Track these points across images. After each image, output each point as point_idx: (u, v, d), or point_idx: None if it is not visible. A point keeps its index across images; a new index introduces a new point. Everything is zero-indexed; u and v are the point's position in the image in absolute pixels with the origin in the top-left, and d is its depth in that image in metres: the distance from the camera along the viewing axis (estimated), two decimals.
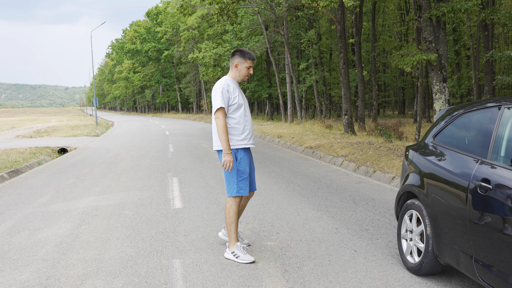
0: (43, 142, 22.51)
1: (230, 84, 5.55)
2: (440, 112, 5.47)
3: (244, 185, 5.52)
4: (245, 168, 5.54)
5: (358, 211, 7.60)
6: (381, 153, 13.09)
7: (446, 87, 13.94)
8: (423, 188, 4.78)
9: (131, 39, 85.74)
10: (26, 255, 5.83)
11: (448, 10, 13.79)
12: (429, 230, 4.60)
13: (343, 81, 21.29)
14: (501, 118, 4.04)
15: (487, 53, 21.04)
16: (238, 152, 5.51)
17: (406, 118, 42.48)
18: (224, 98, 5.41)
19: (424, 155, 5.06)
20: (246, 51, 5.62)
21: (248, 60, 5.58)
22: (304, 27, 39.00)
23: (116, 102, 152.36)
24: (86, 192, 9.90)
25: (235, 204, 5.52)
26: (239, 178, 5.49)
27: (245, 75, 5.62)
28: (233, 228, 5.51)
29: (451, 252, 4.24)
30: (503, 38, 45.75)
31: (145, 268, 5.20)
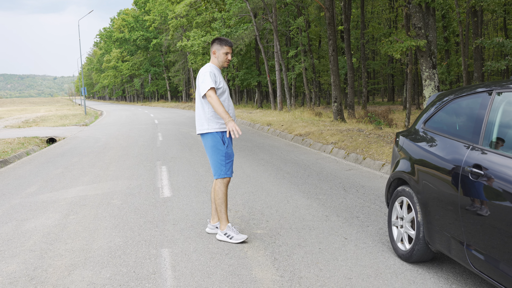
0: (32, 132, 22.32)
1: (214, 70, 5.67)
2: (431, 98, 5.41)
3: (231, 167, 5.71)
4: (231, 151, 5.73)
5: (348, 198, 7.57)
6: (371, 140, 13.07)
7: (436, 74, 13.91)
8: (413, 175, 4.73)
9: (119, 28, 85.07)
10: (13, 246, 5.75)
11: None
12: (420, 217, 4.55)
13: (332, 68, 21.22)
14: (492, 103, 3.97)
15: (477, 39, 21.01)
16: (225, 135, 5.65)
17: (395, 105, 42.52)
18: (212, 79, 5.54)
19: (414, 141, 5.01)
20: (224, 38, 5.77)
21: (225, 46, 5.71)
22: (293, 15, 38.85)
23: (105, 92, 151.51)
24: (74, 182, 9.80)
25: (224, 185, 5.66)
26: (227, 160, 5.65)
27: (223, 61, 5.75)
28: (223, 209, 5.64)
29: (442, 239, 4.20)
30: (492, 24, 45.85)
31: (134, 258, 5.13)
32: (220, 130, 5.62)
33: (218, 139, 5.62)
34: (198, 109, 5.72)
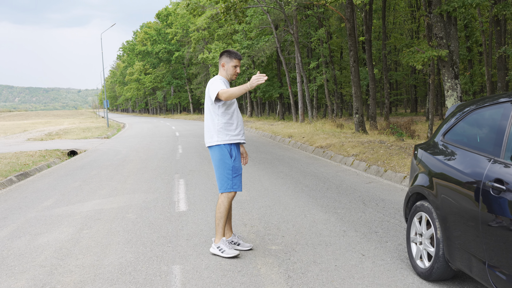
0: (54, 145, 22.45)
1: (224, 80, 5.66)
2: (450, 109, 5.21)
3: (238, 181, 5.60)
4: (239, 165, 5.65)
5: (367, 213, 7.37)
6: (392, 152, 12.84)
7: (458, 84, 13.65)
8: (432, 189, 4.53)
9: (141, 41, 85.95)
10: (24, 261, 5.66)
11: (459, 5, 13.49)
12: (440, 234, 4.35)
13: (353, 80, 21.03)
14: None
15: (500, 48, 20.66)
16: (233, 149, 5.61)
17: (418, 116, 42.05)
18: (221, 84, 5.50)
19: (433, 154, 4.81)
20: (233, 51, 5.70)
21: (234, 59, 5.66)
22: (314, 26, 38.75)
23: (128, 104, 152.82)
24: (91, 195, 9.74)
25: (227, 200, 5.57)
26: (234, 174, 5.57)
27: (232, 73, 5.69)
28: (222, 223, 5.57)
29: (463, 257, 3.99)
30: None
31: (144, 275, 5.00)
32: (229, 142, 5.57)
33: (226, 152, 5.56)
34: (207, 120, 5.67)
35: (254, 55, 40.82)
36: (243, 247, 5.70)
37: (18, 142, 25.89)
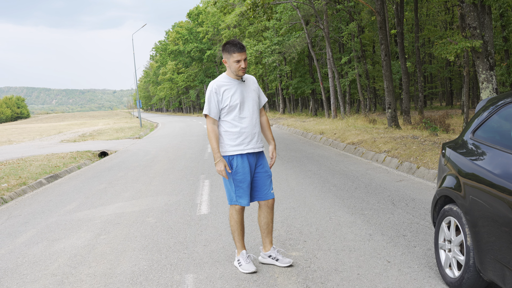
0: (85, 146, 22.57)
1: (223, 83, 4.96)
2: (480, 103, 4.79)
3: (244, 194, 4.98)
4: (243, 177, 4.97)
5: (396, 214, 6.98)
6: (425, 147, 12.38)
7: (494, 76, 13.09)
8: (461, 192, 4.14)
9: (173, 41, 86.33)
10: (37, 269, 5.50)
11: None
12: (470, 241, 3.95)
13: (385, 74, 20.54)
14: None
15: None
16: (234, 160, 4.96)
17: (454, 109, 41.07)
18: (211, 103, 4.92)
19: (462, 154, 4.41)
20: (232, 42, 4.90)
21: (234, 54, 4.86)
22: (344, 20, 38.15)
23: (162, 104, 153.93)
24: (114, 198, 9.59)
25: (235, 212, 5.05)
26: (236, 187, 4.98)
27: (236, 69, 4.90)
28: (236, 236, 5.11)
29: (496, 268, 3.59)
30: None
31: (155, 285, 4.75)
32: (227, 154, 4.97)
33: (228, 163, 4.98)
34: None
35: (285, 52, 40.43)
36: (281, 263, 5.09)
37: (52, 144, 26.16)
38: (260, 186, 5.11)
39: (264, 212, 5.15)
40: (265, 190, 5.12)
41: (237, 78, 4.99)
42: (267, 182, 5.13)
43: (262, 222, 5.17)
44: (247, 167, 4.97)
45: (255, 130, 5.04)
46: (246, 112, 4.98)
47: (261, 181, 5.12)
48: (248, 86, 5.06)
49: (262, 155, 5.18)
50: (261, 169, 5.13)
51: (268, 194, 5.13)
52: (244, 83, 5.04)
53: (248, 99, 5.02)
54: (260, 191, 5.12)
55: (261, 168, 5.13)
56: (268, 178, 5.16)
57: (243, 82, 5.04)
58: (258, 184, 5.10)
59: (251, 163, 5.03)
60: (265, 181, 5.13)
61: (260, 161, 5.13)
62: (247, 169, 4.98)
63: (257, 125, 5.08)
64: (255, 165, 5.08)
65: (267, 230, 5.18)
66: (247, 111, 4.98)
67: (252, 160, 5.05)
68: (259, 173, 5.11)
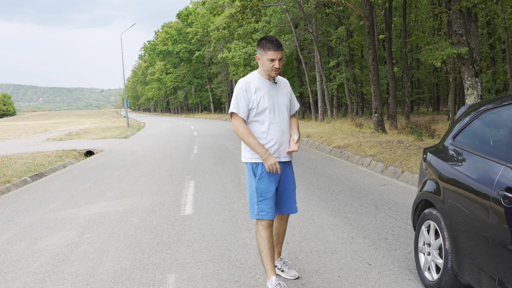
0: (72, 145, 22.48)
1: (253, 82, 4.46)
2: (461, 109, 4.85)
3: (266, 207, 4.43)
4: (267, 187, 4.45)
5: (379, 217, 7.04)
6: (411, 152, 12.48)
7: (479, 82, 13.22)
8: (440, 196, 4.20)
9: (162, 41, 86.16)
10: (19, 267, 5.48)
11: (479, 1, 13.04)
12: (448, 245, 4.01)
13: (372, 78, 20.65)
14: None
15: None
16: (258, 167, 4.46)
17: (440, 115, 41.34)
18: (240, 102, 4.41)
19: (442, 159, 4.48)
20: (269, 39, 4.41)
21: (269, 51, 4.37)
22: (333, 24, 38.34)
23: (150, 104, 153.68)
24: (99, 197, 9.57)
25: (262, 228, 4.47)
26: (259, 198, 4.44)
27: (269, 69, 4.42)
28: (264, 257, 4.46)
29: (473, 271, 3.65)
30: None
31: (137, 284, 4.76)
32: (251, 161, 4.50)
33: (250, 169, 4.52)
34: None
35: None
36: (287, 275, 4.81)
37: (37, 142, 26.00)
38: (285, 198, 4.65)
39: (276, 223, 4.83)
40: (290, 203, 4.68)
41: (269, 79, 4.53)
42: (292, 195, 4.69)
43: (274, 232, 4.79)
44: (272, 176, 4.49)
45: (284, 137, 4.53)
46: (275, 117, 4.48)
47: (285, 193, 4.65)
48: (280, 89, 4.60)
49: (289, 166, 4.71)
50: (287, 181, 4.65)
51: (293, 207, 4.71)
52: (275, 86, 4.58)
53: (278, 103, 4.53)
54: (284, 204, 4.67)
55: (287, 181, 4.65)
56: (293, 192, 4.72)
57: (274, 84, 4.57)
58: (283, 196, 4.64)
59: (276, 173, 4.52)
60: (290, 194, 4.67)
61: (287, 172, 4.65)
62: (273, 178, 4.49)
63: (286, 133, 4.57)
64: (280, 176, 4.59)
65: (277, 240, 4.85)
66: (277, 116, 4.49)
67: (284, 169, 4.63)
68: (284, 185, 4.64)
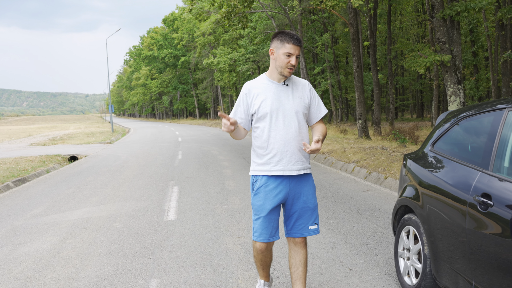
0: (55, 150, 22.34)
1: (257, 85, 3.94)
2: (440, 117, 4.92)
3: (261, 227, 3.88)
4: (261, 204, 3.87)
5: (361, 223, 7.11)
6: (394, 158, 12.58)
7: (461, 89, 13.37)
8: (419, 202, 4.26)
9: (148, 46, 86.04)
10: (0, 273, 5.46)
11: (461, 9, 13.23)
12: (427, 249, 4.07)
13: (356, 85, 20.80)
14: (505, 123, 3.49)
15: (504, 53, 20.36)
16: (257, 181, 3.92)
17: (424, 121, 41.66)
18: (239, 106, 3.97)
19: (421, 165, 4.55)
20: (288, 32, 3.83)
21: (287, 44, 3.78)
22: (319, 31, 38.54)
23: (135, 109, 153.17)
24: (82, 203, 9.54)
25: (255, 250, 4.01)
26: (254, 215, 3.94)
27: (283, 65, 3.81)
28: (257, 266, 4.20)
29: (451, 276, 3.70)
30: None
31: None
32: (252, 174, 3.98)
33: (251, 184, 4.02)
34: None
35: (259, 60, 40.62)
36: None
37: (21, 147, 25.81)
38: (294, 220, 4.00)
39: (290, 250, 4.10)
40: (300, 225, 4.00)
41: (279, 80, 3.93)
42: (304, 215, 3.99)
43: (290, 263, 4.12)
44: (271, 192, 3.87)
45: (288, 147, 3.86)
46: (277, 124, 3.87)
47: (296, 214, 3.99)
48: (292, 92, 3.94)
49: (303, 181, 3.98)
50: (297, 200, 3.97)
51: (304, 230, 4.02)
52: (285, 88, 3.94)
53: (286, 107, 3.89)
54: (293, 226, 4.01)
55: (297, 199, 3.96)
56: (307, 211, 3.99)
57: (285, 86, 3.94)
58: (292, 217, 4.00)
59: (280, 189, 3.89)
60: (302, 215, 3.99)
61: (298, 188, 3.95)
62: (271, 195, 3.87)
63: (293, 142, 3.88)
64: (287, 193, 3.93)
65: (295, 274, 4.06)
66: (280, 123, 3.87)
67: (284, 185, 3.91)
68: (294, 204, 3.97)
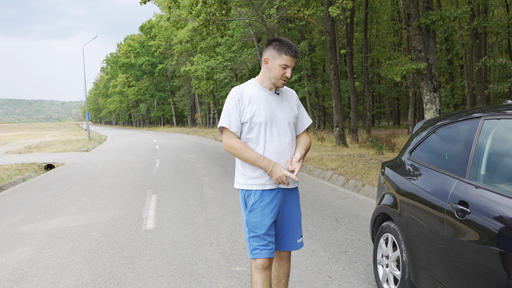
0: (32, 158, 22.07)
1: (248, 91, 3.70)
2: (417, 125, 5.00)
3: (259, 244, 3.65)
4: (259, 221, 3.65)
5: (339, 230, 7.15)
6: (371, 166, 12.68)
7: (437, 97, 13.55)
8: (398, 209, 4.32)
9: (125, 53, 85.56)
10: None
11: (437, 18, 13.44)
12: (405, 257, 4.13)
13: (334, 93, 20.93)
14: (480, 132, 3.56)
15: (479, 61, 20.68)
16: (251, 196, 3.68)
17: (401, 128, 42.08)
18: (232, 113, 3.66)
19: (399, 173, 4.61)
20: (286, 42, 3.62)
21: (284, 56, 3.59)
22: (296, 39, 38.74)
23: (112, 117, 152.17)
24: (59, 212, 9.45)
25: (255, 270, 3.69)
26: (251, 233, 3.69)
27: (277, 77, 3.64)
28: None
29: (429, 282, 3.75)
30: (497, 46, 45.56)
31: None
32: (243, 188, 3.71)
33: (242, 199, 3.76)
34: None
35: (236, 68, 40.69)
36: None
37: None
38: (283, 234, 3.84)
39: (275, 263, 3.96)
40: (288, 239, 3.84)
41: (270, 89, 3.75)
42: (293, 229, 3.85)
43: (272, 275, 3.95)
44: (267, 207, 3.67)
45: (283, 160, 3.69)
46: (272, 135, 3.68)
47: (284, 227, 3.83)
48: (282, 101, 3.79)
49: (292, 194, 3.84)
50: (287, 212, 3.82)
51: (293, 243, 3.86)
52: (277, 97, 3.77)
53: (278, 117, 3.72)
54: (283, 239, 3.85)
55: (288, 211, 3.82)
56: (295, 224, 3.86)
57: (276, 94, 3.77)
58: (281, 231, 3.83)
59: (275, 203, 3.71)
60: (291, 228, 3.83)
61: (287, 201, 3.80)
62: (267, 210, 3.67)
63: (288, 155, 3.73)
64: (279, 206, 3.75)
65: (277, 286, 3.96)
66: (274, 134, 3.69)
67: (277, 199, 3.72)
68: (284, 217, 3.81)
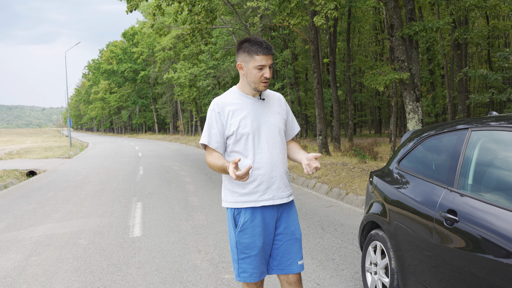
0: (13, 165, 21.88)
1: (230, 101, 3.37)
2: (405, 135, 5.12)
3: (250, 266, 3.32)
4: (251, 241, 3.31)
5: (326, 238, 7.24)
6: (354, 174, 12.80)
7: (420, 107, 13.73)
8: (386, 218, 4.41)
9: (107, 60, 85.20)
10: None
11: (420, 29, 13.62)
12: (394, 264, 4.21)
13: (317, 101, 21.06)
14: (468, 142, 3.68)
15: (460, 71, 20.99)
16: (241, 214, 3.34)
17: (382, 137, 42.39)
18: (212, 129, 3.35)
19: (387, 182, 4.71)
20: (254, 40, 3.26)
21: (256, 56, 3.23)
22: (279, 47, 38.91)
23: (93, 123, 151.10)
24: (44, 219, 9.41)
25: None
26: (241, 255, 3.34)
27: (256, 81, 3.28)
28: None
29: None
30: (477, 57, 46.17)
31: None
32: (232, 206, 3.35)
33: (231, 217, 3.39)
34: None
35: (219, 76, 40.77)
36: None
37: None
38: (281, 254, 3.43)
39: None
40: (288, 260, 3.43)
41: (254, 95, 3.40)
42: (292, 248, 3.45)
43: None
44: (259, 226, 3.34)
45: (276, 172, 3.36)
46: (260, 145, 3.34)
47: (283, 247, 3.44)
48: (269, 108, 3.45)
49: (288, 209, 3.49)
50: (284, 230, 3.45)
51: (293, 266, 3.44)
52: (263, 103, 3.42)
53: (266, 126, 3.39)
54: (280, 261, 3.44)
55: (285, 229, 3.45)
56: (295, 243, 3.46)
57: (261, 100, 3.43)
58: (279, 251, 3.43)
59: (268, 220, 3.38)
60: (289, 248, 3.44)
61: (284, 217, 3.46)
62: (259, 229, 3.34)
63: (280, 166, 3.40)
64: (275, 223, 3.43)
65: None
66: (263, 145, 3.35)
67: (271, 216, 3.39)
68: (281, 235, 3.44)
